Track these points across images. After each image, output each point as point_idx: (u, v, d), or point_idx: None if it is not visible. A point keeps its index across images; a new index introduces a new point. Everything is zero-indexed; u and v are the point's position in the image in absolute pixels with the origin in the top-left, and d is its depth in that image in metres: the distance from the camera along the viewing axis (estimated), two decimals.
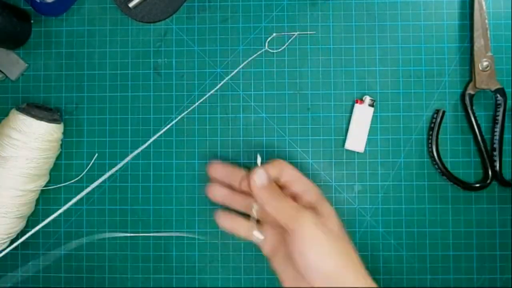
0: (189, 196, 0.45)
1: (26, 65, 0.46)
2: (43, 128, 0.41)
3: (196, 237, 0.44)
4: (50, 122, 0.41)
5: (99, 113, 0.46)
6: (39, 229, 0.45)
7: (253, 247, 0.45)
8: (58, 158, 0.45)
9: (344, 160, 0.45)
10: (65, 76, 0.46)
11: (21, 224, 0.43)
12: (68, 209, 0.45)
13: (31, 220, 0.45)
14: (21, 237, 0.45)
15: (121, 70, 0.46)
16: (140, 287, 0.45)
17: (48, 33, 0.46)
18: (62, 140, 0.44)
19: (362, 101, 0.44)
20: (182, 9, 0.46)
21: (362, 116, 0.44)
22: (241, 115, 0.45)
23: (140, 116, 0.45)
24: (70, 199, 0.45)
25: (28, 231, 0.45)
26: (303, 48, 0.45)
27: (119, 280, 0.45)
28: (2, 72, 0.45)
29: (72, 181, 0.45)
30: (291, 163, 0.39)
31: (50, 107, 0.44)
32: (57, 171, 0.45)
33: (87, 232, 0.45)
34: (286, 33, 0.38)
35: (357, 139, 0.44)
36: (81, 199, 0.45)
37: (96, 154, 0.45)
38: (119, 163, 0.44)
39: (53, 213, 0.45)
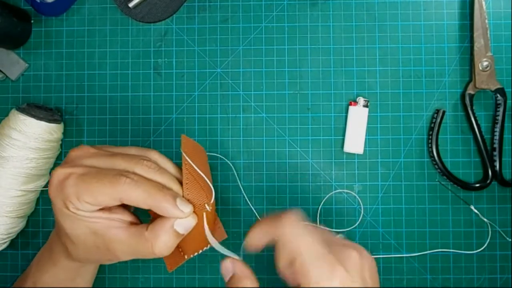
0: None
1: (26, 65, 0.46)
2: (43, 128, 0.41)
3: None
4: (50, 122, 0.41)
5: (99, 113, 0.46)
6: (39, 229, 0.45)
7: None
8: (58, 158, 0.45)
9: (344, 160, 0.45)
10: (65, 76, 0.46)
11: (22, 224, 0.43)
12: None
13: (31, 220, 0.45)
14: (21, 236, 0.45)
15: (121, 70, 0.46)
16: (140, 287, 0.45)
17: (48, 33, 0.46)
18: (62, 140, 0.44)
19: (356, 102, 0.44)
20: (182, 9, 0.46)
21: (358, 117, 0.44)
22: (241, 115, 0.45)
23: (140, 116, 0.45)
24: None
25: (28, 231, 0.45)
26: (303, 48, 0.45)
27: (119, 280, 0.45)
28: (2, 72, 0.45)
29: None
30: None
31: (50, 107, 0.44)
32: None
33: None
34: None
35: (355, 141, 0.44)
36: None
37: None
38: None
39: (52, 212, 0.45)
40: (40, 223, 0.45)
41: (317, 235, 0.30)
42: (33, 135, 0.40)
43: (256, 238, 0.32)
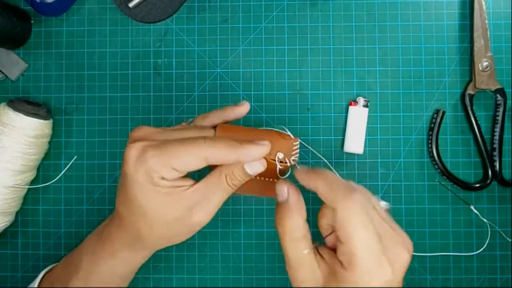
0: None
1: (26, 65, 0.46)
2: (30, 123, 0.41)
3: None
4: (39, 118, 0.41)
5: (99, 113, 0.46)
6: (39, 229, 0.45)
7: (252, 247, 0.45)
8: (58, 158, 0.45)
9: (344, 160, 0.45)
10: (65, 76, 0.46)
11: (7, 218, 0.43)
12: (68, 209, 0.45)
13: (31, 220, 0.45)
14: (21, 237, 0.45)
15: (121, 70, 0.46)
16: (140, 287, 0.45)
17: (48, 33, 0.46)
18: (51, 139, 0.44)
19: (356, 102, 0.44)
20: (182, 9, 0.46)
21: (358, 117, 0.44)
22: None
23: (140, 116, 0.45)
24: (70, 199, 0.45)
25: (28, 231, 0.45)
26: (303, 48, 0.45)
27: None
28: (2, 72, 0.45)
29: (72, 181, 0.45)
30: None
31: (40, 103, 0.44)
32: (57, 171, 0.45)
33: (87, 232, 0.45)
34: None
35: (355, 141, 0.44)
36: (81, 199, 0.45)
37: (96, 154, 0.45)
38: (119, 163, 0.44)
39: (53, 213, 0.45)
40: (40, 223, 0.45)
41: (374, 226, 0.29)
42: (21, 131, 0.40)
43: (306, 180, 0.31)
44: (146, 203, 0.30)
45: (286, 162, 0.32)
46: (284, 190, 0.31)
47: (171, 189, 0.30)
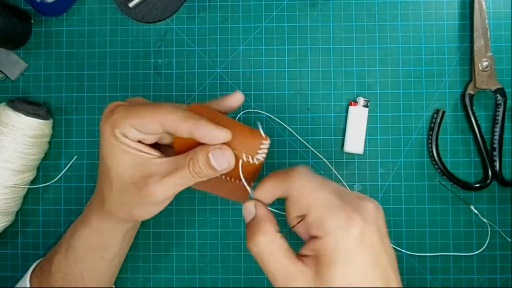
0: (189, 196, 0.45)
1: (26, 65, 0.46)
2: (30, 123, 0.41)
3: None
4: (39, 118, 0.41)
5: (99, 113, 0.45)
6: (39, 229, 0.45)
7: None
8: (58, 158, 0.45)
9: (344, 160, 0.45)
10: (65, 76, 0.46)
11: (7, 218, 0.43)
12: (68, 209, 0.45)
13: (31, 220, 0.45)
14: (21, 236, 0.45)
15: (121, 70, 0.46)
16: (140, 287, 0.45)
17: (48, 33, 0.46)
18: (51, 139, 0.44)
19: (356, 102, 0.44)
20: (182, 9, 0.46)
21: (358, 117, 0.44)
22: (241, 115, 0.45)
23: None
24: (70, 199, 0.45)
25: (28, 231, 0.45)
26: (303, 48, 0.45)
27: (119, 280, 0.45)
28: (2, 72, 0.45)
29: (72, 181, 0.45)
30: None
31: (40, 102, 0.44)
32: (57, 171, 0.45)
33: None
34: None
35: (355, 141, 0.44)
36: (81, 198, 0.45)
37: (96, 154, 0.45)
38: None
39: (53, 212, 0.45)
40: (40, 223, 0.45)
41: (330, 187, 0.29)
42: (21, 130, 0.40)
43: (265, 192, 0.31)
44: (110, 160, 0.31)
45: (250, 160, 0.30)
46: (251, 207, 0.31)
47: (135, 151, 0.31)
